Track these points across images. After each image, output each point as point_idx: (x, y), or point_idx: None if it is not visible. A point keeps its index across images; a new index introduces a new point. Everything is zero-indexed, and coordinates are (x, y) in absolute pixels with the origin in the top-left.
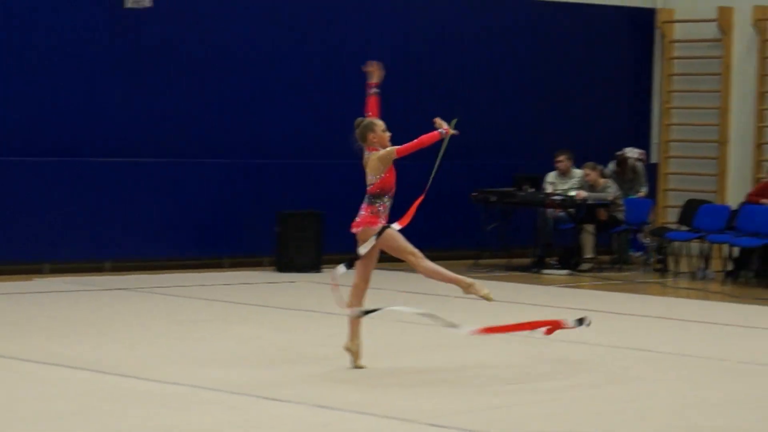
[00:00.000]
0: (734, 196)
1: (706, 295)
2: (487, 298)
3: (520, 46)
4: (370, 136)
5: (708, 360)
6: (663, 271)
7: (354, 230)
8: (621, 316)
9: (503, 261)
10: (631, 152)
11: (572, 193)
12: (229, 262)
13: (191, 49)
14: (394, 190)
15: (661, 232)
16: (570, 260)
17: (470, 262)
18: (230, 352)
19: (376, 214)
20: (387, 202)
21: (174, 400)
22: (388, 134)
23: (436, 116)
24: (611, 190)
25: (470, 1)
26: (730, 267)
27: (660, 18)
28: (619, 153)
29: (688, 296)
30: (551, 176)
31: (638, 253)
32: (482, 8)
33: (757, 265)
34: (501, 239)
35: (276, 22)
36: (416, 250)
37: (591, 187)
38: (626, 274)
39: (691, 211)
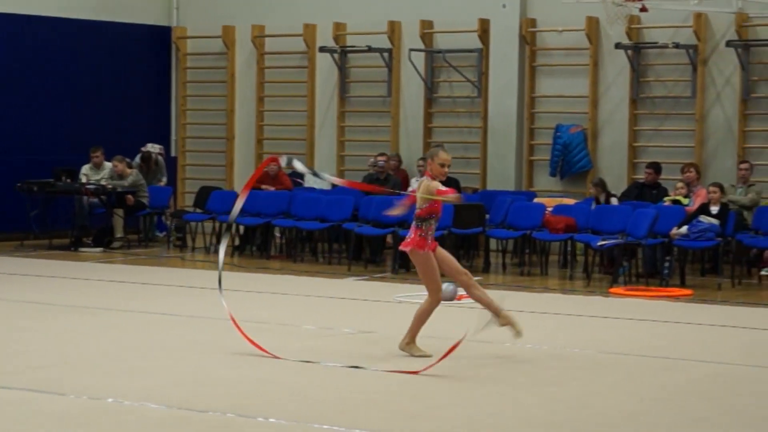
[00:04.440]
0: (240, 182)
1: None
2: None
3: (57, 59)
4: (429, 162)
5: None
6: (182, 247)
7: (403, 248)
8: (145, 286)
9: (45, 242)
10: (153, 147)
11: (104, 182)
12: None
13: None
14: (440, 215)
15: (180, 215)
16: (103, 240)
17: (17, 243)
18: None
19: (424, 237)
20: (434, 224)
21: None
22: (445, 170)
23: None
24: (132, 179)
25: (12, 21)
26: (237, 242)
27: (175, 34)
28: (143, 148)
29: (203, 267)
30: (86, 168)
31: (162, 233)
32: (24, 26)
33: (259, 239)
34: (43, 224)
35: None
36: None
37: (119, 177)
38: (152, 250)
39: (204, 196)
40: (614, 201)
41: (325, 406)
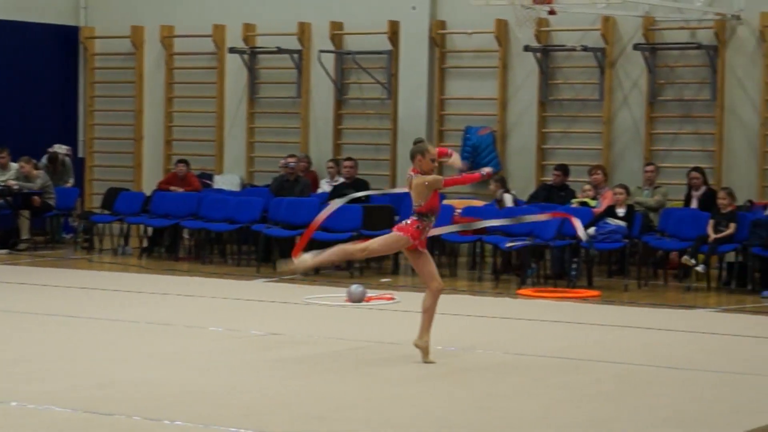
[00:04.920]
0: (148, 184)
1: (126, 267)
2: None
3: None
4: (418, 158)
5: (124, 322)
6: (90, 248)
7: (397, 232)
8: (51, 288)
9: None
10: (60, 148)
11: (10, 183)
12: None
13: None
14: (438, 211)
15: (87, 216)
16: (9, 241)
17: None
18: None
19: (419, 230)
20: (432, 220)
21: None
22: (436, 164)
23: None
24: (41, 181)
25: None
26: (145, 244)
27: (83, 34)
28: (50, 149)
29: (110, 269)
30: None
31: (69, 235)
32: None
33: (168, 241)
34: None
35: None
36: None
37: (26, 178)
38: (59, 252)
39: (112, 197)
40: (507, 199)
41: (232, 409)
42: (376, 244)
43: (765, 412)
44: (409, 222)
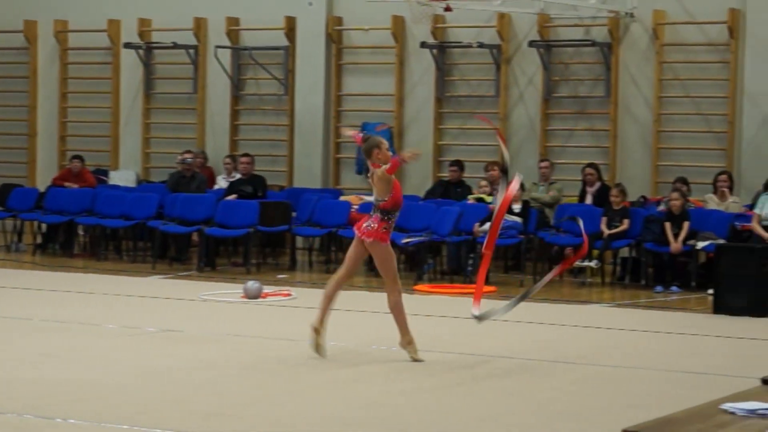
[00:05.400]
0: (42, 180)
1: (19, 265)
2: (415, 359)
3: None
4: (375, 152)
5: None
6: None
7: (364, 238)
8: None
9: None
10: None
11: None
12: None
13: None
14: (401, 205)
15: None
16: None
17: None
18: None
19: (387, 230)
20: (396, 216)
21: None
22: (390, 153)
23: None
24: None
25: None
26: (39, 240)
27: None
28: None
29: (3, 266)
30: None
31: None
32: None
33: (62, 238)
34: None
35: None
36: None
37: None
38: None
39: (5, 193)
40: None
41: (126, 406)
42: (386, 274)
43: (658, 406)
44: (375, 226)
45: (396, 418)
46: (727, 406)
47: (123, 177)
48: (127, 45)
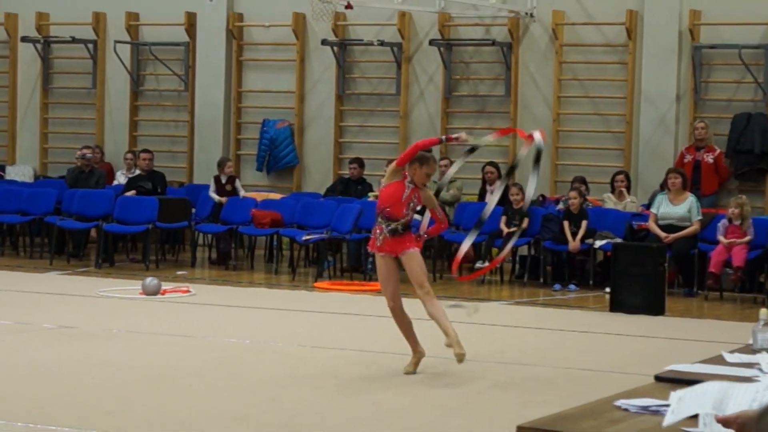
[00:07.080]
0: None
1: None
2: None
3: None
4: (415, 166)
5: None
6: None
7: (412, 250)
8: None
9: None
10: None
11: None
12: None
13: None
14: (381, 209)
15: None
16: None
17: None
18: None
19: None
20: (382, 219)
21: None
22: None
23: None
24: None
25: None
26: None
27: None
28: None
29: None
30: None
31: None
32: None
33: None
34: None
35: None
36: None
37: None
38: None
39: None
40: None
41: (21, 404)
42: (423, 275)
43: (552, 403)
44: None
45: (286, 413)
46: (621, 402)
47: (20, 172)
48: (25, 39)
